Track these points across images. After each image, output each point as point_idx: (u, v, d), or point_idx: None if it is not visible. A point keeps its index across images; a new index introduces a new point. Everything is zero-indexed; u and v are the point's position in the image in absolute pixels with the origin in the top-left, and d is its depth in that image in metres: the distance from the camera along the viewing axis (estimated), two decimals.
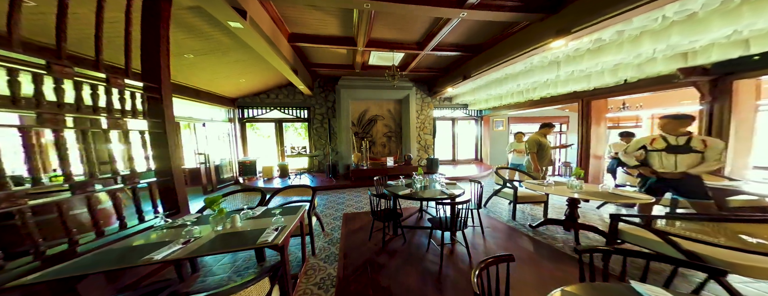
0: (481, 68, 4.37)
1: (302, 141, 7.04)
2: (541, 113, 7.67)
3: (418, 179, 2.91)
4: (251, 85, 5.43)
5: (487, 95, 5.93)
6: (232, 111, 5.95)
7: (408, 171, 5.94)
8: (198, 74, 4.04)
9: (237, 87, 5.25)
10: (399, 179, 3.38)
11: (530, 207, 3.71)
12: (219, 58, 3.72)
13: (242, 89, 5.52)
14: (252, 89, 5.75)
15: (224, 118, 5.75)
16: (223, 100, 5.47)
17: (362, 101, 6.79)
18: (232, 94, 5.58)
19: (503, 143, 7.97)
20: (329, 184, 5.40)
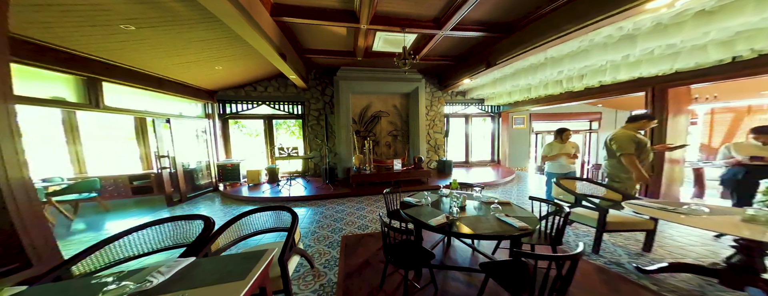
0: (514, 52, 3.47)
1: (296, 141, 6.16)
2: (567, 108, 6.76)
3: (453, 196, 2.05)
4: (232, 74, 4.55)
5: (512, 86, 5.02)
6: (211, 106, 5.05)
7: (418, 176, 5.08)
8: (153, 54, 3.15)
9: (214, 77, 4.37)
10: (422, 193, 2.52)
11: (612, 236, 2.60)
12: (179, 34, 2.84)
13: (222, 80, 4.64)
14: (234, 80, 4.87)
15: (199, 113, 4.86)
16: (198, 92, 4.59)
17: (364, 95, 5.91)
18: (209, 85, 4.70)
19: (523, 142, 7.08)
20: (326, 192, 4.55)
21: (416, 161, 5.23)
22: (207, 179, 4.93)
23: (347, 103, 5.62)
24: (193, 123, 4.64)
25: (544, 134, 7.21)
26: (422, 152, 6.12)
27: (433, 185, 4.91)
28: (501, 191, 4.72)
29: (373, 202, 4.18)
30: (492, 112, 6.86)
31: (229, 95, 5.24)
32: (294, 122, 6.12)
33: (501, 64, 3.95)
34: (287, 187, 4.68)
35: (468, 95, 6.56)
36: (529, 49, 3.21)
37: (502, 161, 7.02)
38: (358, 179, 4.82)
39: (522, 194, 4.56)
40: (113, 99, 3.22)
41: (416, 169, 5.17)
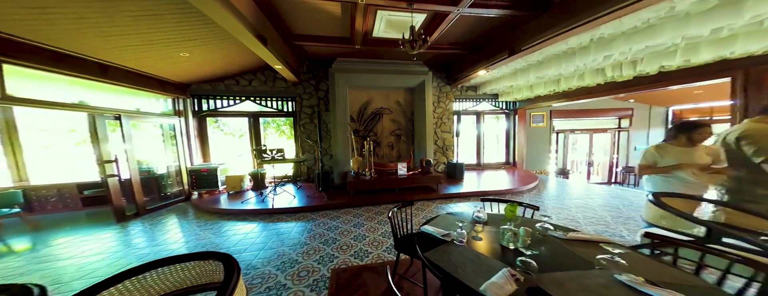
0: (548, 33, 2.74)
1: (286, 141, 5.41)
2: (592, 104, 5.98)
3: (512, 236, 1.29)
4: (206, 64, 3.82)
5: (537, 78, 4.25)
6: (182, 101, 4.30)
7: (426, 182, 4.31)
8: (79, 31, 2.42)
9: (183, 66, 3.65)
10: (445, 217, 1.76)
11: None
12: (112, 3, 2.12)
13: (194, 71, 3.91)
14: (211, 71, 4.13)
15: (167, 110, 4.13)
16: (165, 85, 3.83)
17: (364, 90, 5.17)
18: (179, 77, 3.96)
19: (543, 142, 6.29)
20: (318, 202, 3.79)
21: (424, 164, 4.47)
22: (178, 186, 4.19)
23: (344, 99, 4.89)
24: (157, 122, 3.90)
25: (566, 133, 6.43)
26: (429, 154, 5.36)
27: (445, 194, 4.14)
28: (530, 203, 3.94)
29: (375, 216, 3.42)
30: (507, 109, 6.09)
31: (205, 90, 4.50)
32: (284, 120, 5.38)
33: (528, 49, 3.20)
34: (273, 195, 3.92)
35: (480, 89, 5.80)
36: (571, 28, 2.46)
37: (519, 163, 6.23)
38: (356, 186, 4.06)
39: (564, 208, 3.77)
40: (29, 88, 2.48)
41: (424, 174, 4.40)
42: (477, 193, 4.18)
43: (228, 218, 3.44)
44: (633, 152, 6.36)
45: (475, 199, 4.01)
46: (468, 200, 3.99)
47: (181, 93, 4.20)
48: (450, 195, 4.14)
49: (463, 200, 4.01)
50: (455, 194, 4.15)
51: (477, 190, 4.26)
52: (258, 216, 3.47)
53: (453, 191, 4.28)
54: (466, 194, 4.17)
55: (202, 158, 4.66)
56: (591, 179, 6.65)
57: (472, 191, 4.19)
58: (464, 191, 4.19)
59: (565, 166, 6.46)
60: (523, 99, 5.64)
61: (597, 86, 4.02)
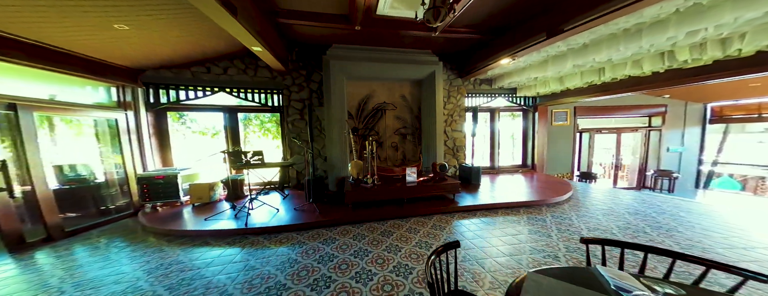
0: (617, 2, 1.96)
1: (271, 141, 4.56)
2: (620, 100, 5.26)
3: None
4: (160, 45, 2.96)
5: (575, 66, 3.48)
6: (130, 91, 3.36)
7: (441, 191, 3.51)
8: None
9: (127, 45, 2.78)
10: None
11: None
12: None
13: (146, 53, 3.04)
14: (167, 54, 3.23)
15: (104, 100, 3.21)
16: (103, 69, 2.92)
17: (364, 82, 4.38)
18: (123, 59, 3.03)
19: (566, 142, 5.54)
20: (308, 218, 2.96)
21: (437, 169, 3.67)
22: (123, 198, 3.29)
23: (341, 92, 4.09)
24: (90, 115, 2.99)
25: (591, 132, 5.69)
26: (439, 156, 4.57)
27: (465, 207, 3.34)
28: (579, 224, 3.14)
29: (381, 237, 2.61)
30: (526, 105, 5.33)
31: (164, 77, 3.58)
32: (269, 116, 4.54)
33: (578, 28, 2.44)
34: (250, 208, 3.08)
35: (496, 83, 5.03)
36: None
37: (539, 166, 5.47)
38: (356, 196, 3.25)
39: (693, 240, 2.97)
40: None
41: (438, 181, 3.60)
42: (503, 205, 3.39)
43: (181, 242, 2.59)
44: (665, 153, 5.67)
45: (508, 214, 3.21)
46: (495, 214, 3.19)
47: (129, 80, 3.25)
48: (471, 208, 3.34)
49: (490, 213, 3.20)
50: (477, 207, 3.35)
51: (503, 201, 3.47)
52: (225, 239, 2.62)
53: (471, 202, 3.48)
54: (491, 206, 3.37)
55: (161, 161, 3.77)
56: (618, 184, 5.93)
57: (498, 203, 3.39)
58: (488, 203, 3.39)
59: (589, 169, 5.73)
60: (546, 94, 4.88)
61: (653, 76, 3.25)
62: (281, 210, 3.25)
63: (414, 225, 2.91)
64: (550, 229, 2.68)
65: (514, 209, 3.31)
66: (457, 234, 2.65)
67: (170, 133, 3.84)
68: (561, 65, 3.43)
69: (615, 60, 3.13)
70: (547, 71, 3.72)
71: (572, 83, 4.02)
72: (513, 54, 3.38)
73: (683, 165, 5.77)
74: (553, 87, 4.34)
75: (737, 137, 5.91)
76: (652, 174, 5.36)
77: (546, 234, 2.53)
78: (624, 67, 3.23)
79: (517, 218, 2.98)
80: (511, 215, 3.12)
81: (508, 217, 3.05)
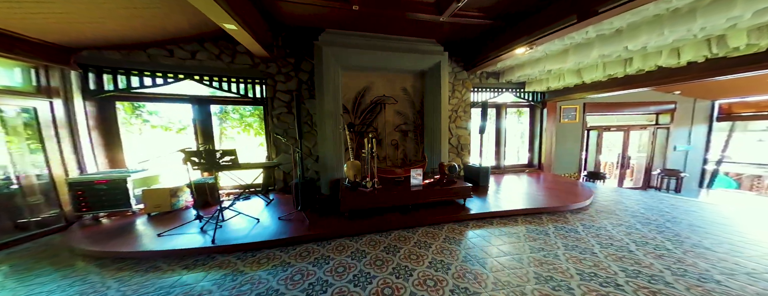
0: None
1: (253, 137, 3.93)
2: (628, 96, 4.96)
3: None
4: (102, 17, 2.30)
5: (602, 56, 3.06)
6: (60, 74, 2.63)
7: (451, 195, 3.02)
8: None
9: (52, 15, 2.13)
10: None
11: None
12: None
13: (82, 27, 2.35)
14: (114, 30, 2.47)
15: (21, 83, 2.47)
16: (9, 43, 2.21)
17: (361, 72, 3.85)
18: (47, 35, 2.27)
19: (574, 140, 5.20)
20: (296, 232, 2.40)
21: (446, 171, 3.18)
22: (50, 208, 2.56)
23: (335, 82, 3.54)
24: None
25: (599, 130, 5.37)
26: (443, 155, 4.11)
27: (479, 214, 2.86)
28: (621, 236, 2.72)
29: (386, 255, 2.09)
30: (534, 101, 4.94)
31: (110, 59, 2.86)
32: (251, 109, 3.91)
33: (619, 8, 2.01)
34: (230, 216, 2.48)
35: (505, 76, 4.60)
36: None
37: (546, 165, 5.11)
38: (352, 202, 2.71)
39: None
40: None
41: (446, 184, 3.12)
42: (522, 211, 2.94)
43: (120, 266, 1.97)
44: (672, 152, 5.44)
45: (530, 222, 2.75)
46: (515, 222, 2.73)
47: (56, 61, 2.53)
48: (486, 215, 2.87)
49: (509, 222, 2.74)
50: (494, 214, 2.88)
51: (520, 207, 3.02)
52: (183, 262, 2.02)
53: (485, 207, 3.02)
54: (509, 213, 2.91)
55: (109, 162, 3.06)
56: (624, 184, 5.67)
57: (516, 210, 2.94)
58: (506, 210, 2.93)
59: (597, 168, 5.43)
60: (557, 89, 4.49)
61: (688, 67, 2.84)
62: (264, 220, 2.67)
63: (423, 238, 2.42)
64: (589, 243, 2.23)
65: (535, 216, 2.87)
66: (478, 249, 2.17)
67: (121, 127, 3.11)
68: (584, 55, 3.01)
69: (650, 48, 2.72)
70: (566, 62, 3.29)
71: (591, 76, 3.63)
72: (531, 42, 2.94)
73: (688, 164, 5.57)
74: (568, 80, 3.93)
75: (737, 135, 5.78)
76: (658, 174, 5.11)
77: (589, 251, 2.09)
78: (657, 57, 2.83)
79: (542, 229, 2.53)
80: (533, 223, 2.67)
81: (531, 227, 2.59)
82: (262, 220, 2.66)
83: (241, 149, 3.98)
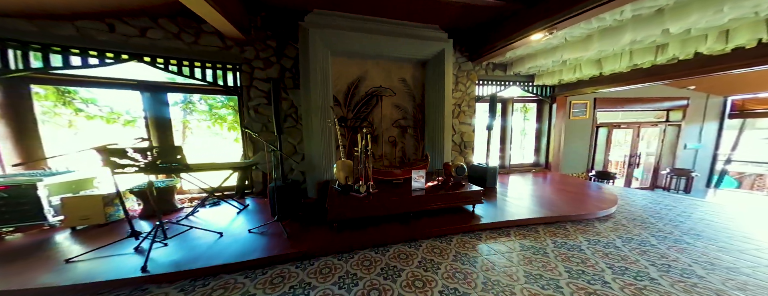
0: None
1: (228, 133, 3.35)
2: (639, 92, 4.60)
3: None
4: None
5: (633, 43, 2.59)
6: None
7: (457, 202, 2.54)
8: None
9: None
10: None
11: None
12: None
13: None
14: None
15: None
16: None
17: (354, 60, 3.33)
18: None
19: (583, 138, 4.81)
20: (272, 252, 1.87)
21: (453, 172, 2.69)
22: None
23: (325, 71, 3.02)
24: None
25: (609, 127, 4.99)
26: (446, 153, 3.64)
27: (492, 224, 2.38)
28: (671, 253, 2.27)
29: (384, 281, 1.59)
30: (543, 95, 4.51)
31: (19, 31, 2.19)
32: (225, 100, 3.33)
33: None
34: (186, 228, 1.93)
35: (513, 68, 4.15)
36: None
37: (554, 165, 4.70)
38: (342, 210, 2.20)
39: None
40: None
41: (453, 188, 2.63)
42: (541, 220, 2.48)
43: None
44: (682, 151, 5.13)
45: (555, 234, 2.29)
46: (536, 233, 2.26)
47: None
48: (501, 224, 2.39)
49: (529, 233, 2.27)
50: (510, 223, 2.41)
51: (538, 214, 2.56)
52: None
53: (497, 215, 2.55)
54: (527, 222, 2.44)
55: (21, 160, 2.30)
56: (631, 184, 5.33)
57: (535, 218, 2.47)
58: (523, 218, 2.46)
59: (606, 168, 5.07)
60: (570, 82, 4.05)
61: (732, 54, 2.41)
62: (231, 233, 2.12)
63: (429, 255, 1.93)
64: (641, 264, 1.77)
65: (559, 226, 2.41)
66: (498, 271, 1.70)
67: (38, 117, 2.39)
68: (613, 41, 2.55)
69: (697, 30, 2.28)
70: (588, 50, 2.83)
71: (612, 67, 3.19)
72: (552, 26, 2.49)
73: (697, 163, 5.29)
74: (585, 72, 3.50)
75: (744, 133, 5.54)
76: (667, 173, 4.78)
77: (646, 277, 1.63)
78: (699, 43, 2.38)
79: (573, 243, 2.07)
80: (559, 235, 2.22)
81: (558, 240, 2.13)
82: (227, 234, 2.11)
83: (213, 146, 3.39)
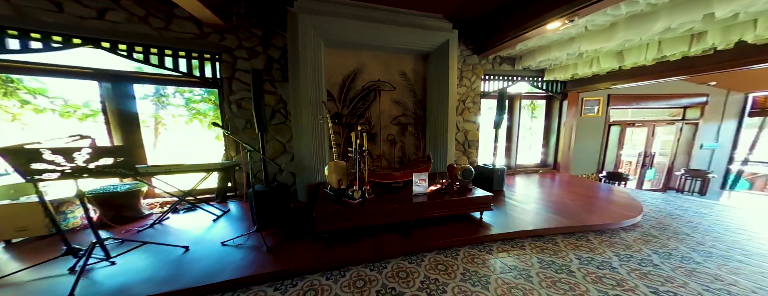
0: None
1: (207, 131, 3.01)
2: (660, 88, 4.27)
3: None
4: None
5: (667, 31, 2.19)
6: None
7: (464, 209, 2.24)
8: None
9: None
10: None
11: None
12: None
13: None
14: None
15: None
16: None
17: (350, 51, 3.01)
18: None
19: (594, 137, 4.50)
20: (246, 273, 1.57)
21: (459, 175, 2.38)
22: None
23: (316, 62, 2.69)
24: None
25: (622, 125, 4.66)
26: (449, 153, 3.34)
27: (507, 234, 2.08)
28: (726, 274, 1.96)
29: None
30: (553, 91, 4.18)
31: None
32: (205, 93, 3.00)
33: None
34: (131, 246, 1.63)
35: (522, 62, 3.81)
36: None
37: (563, 165, 4.39)
38: (333, 221, 1.90)
39: None
40: None
41: (458, 193, 2.33)
42: (560, 229, 2.18)
43: None
44: (698, 151, 4.83)
45: (578, 246, 1.99)
46: (556, 246, 1.96)
47: None
48: (514, 235, 2.09)
49: (548, 245, 1.97)
50: (524, 234, 2.11)
51: (557, 224, 2.26)
52: None
53: (508, 223, 2.25)
54: (543, 232, 2.14)
55: None
56: (643, 186, 5.03)
57: (553, 228, 2.17)
58: (540, 228, 2.16)
59: (617, 168, 4.77)
60: (584, 76, 3.71)
61: None
62: (201, 246, 1.82)
63: (433, 272, 1.64)
64: (691, 289, 1.47)
65: (580, 236, 2.11)
66: (518, 295, 1.40)
67: None
68: (642, 29, 2.21)
69: (745, 15, 1.95)
70: (612, 41, 2.49)
71: (636, 59, 2.85)
72: (574, 12, 2.18)
73: (713, 164, 4.99)
74: (604, 65, 3.17)
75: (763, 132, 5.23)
76: (681, 174, 4.49)
77: None
78: (746, 29, 2.04)
79: (602, 259, 1.77)
80: (582, 248, 1.92)
81: (583, 255, 1.83)
82: (195, 247, 1.80)
83: (192, 145, 3.07)
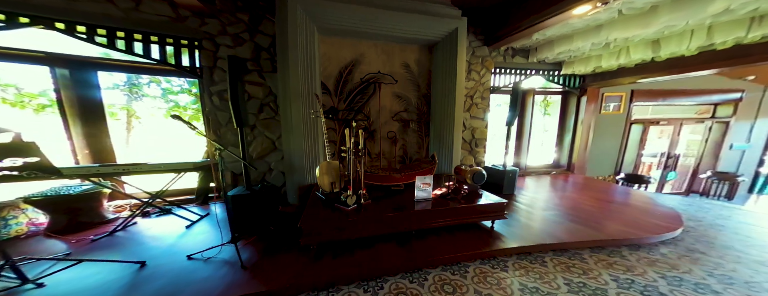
0: None
1: (189, 127, 2.77)
2: (689, 82, 3.87)
3: None
4: None
5: (724, 10, 1.81)
6: None
7: (473, 217, 1.95)
8: None
9: None
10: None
11: None
12: None
13: None
14: None
15: None
16: None
17: (347, 40, 2.71)
18: None
19: (614, 136, 4.14)
20: (218, 290, 1.32)
21: (469, 179, 2.07)
22: None
23: (309, 51, 2.41)
24: None
25: (645, 124, 4.26)
26: (455, 153, 3.04)
27: (523, 247, 1.77)
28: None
29: None
30: (571, 86, 3.81)
31: None
32: (186, 83, 2.73)
33: None
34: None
35: (537, 54, 3.45)
36: None
37: (578, 166, 4.04)
38: (321, 232, 1.62)
39: None
40: None
41: (467, 200, 2.03)
42: (588, 243, 1.87)
43: None
44: (726, 152, 4.42)
45: (609, 264, 1.68)
46: (584, 262, 1.66)
47: None
48: (532, 249, 1.79)
49: (575, 261, 1.66)
50: (543, 247, 1.81)
51: (582, 238, 1.95)
52: None
53: (524, 234, 1.95)
54: (567, 245, 1.84)
55: None
56: (664, 188, 4.65)
57: (578, 241, 1.87)
58: (561, 241, 1.86)
59: (636, 171, 4.40)
60: (608, 70, 3.33)
61: None
62: (161, 260, 1.56)
63: (438, 295, 1.36)
64: None
65: (612, 251, 1.80)
66: None
67: None
68: (694, 11, 1.82)
69: None
70: (650, 26, 2.12)
71: (674, 49, 2.46)
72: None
73: (743, 166, 4.58)
74: (634, 56, 2.78)
75: None
76: (708, 177, 4.10)
77: None
78: None
79: (644, 282, 1.46)
80: (616, 267, 1.60)
81: (620, 275, 1.52)
82: (155, 262, 1.54)
83: (170, 141, 2.80)
